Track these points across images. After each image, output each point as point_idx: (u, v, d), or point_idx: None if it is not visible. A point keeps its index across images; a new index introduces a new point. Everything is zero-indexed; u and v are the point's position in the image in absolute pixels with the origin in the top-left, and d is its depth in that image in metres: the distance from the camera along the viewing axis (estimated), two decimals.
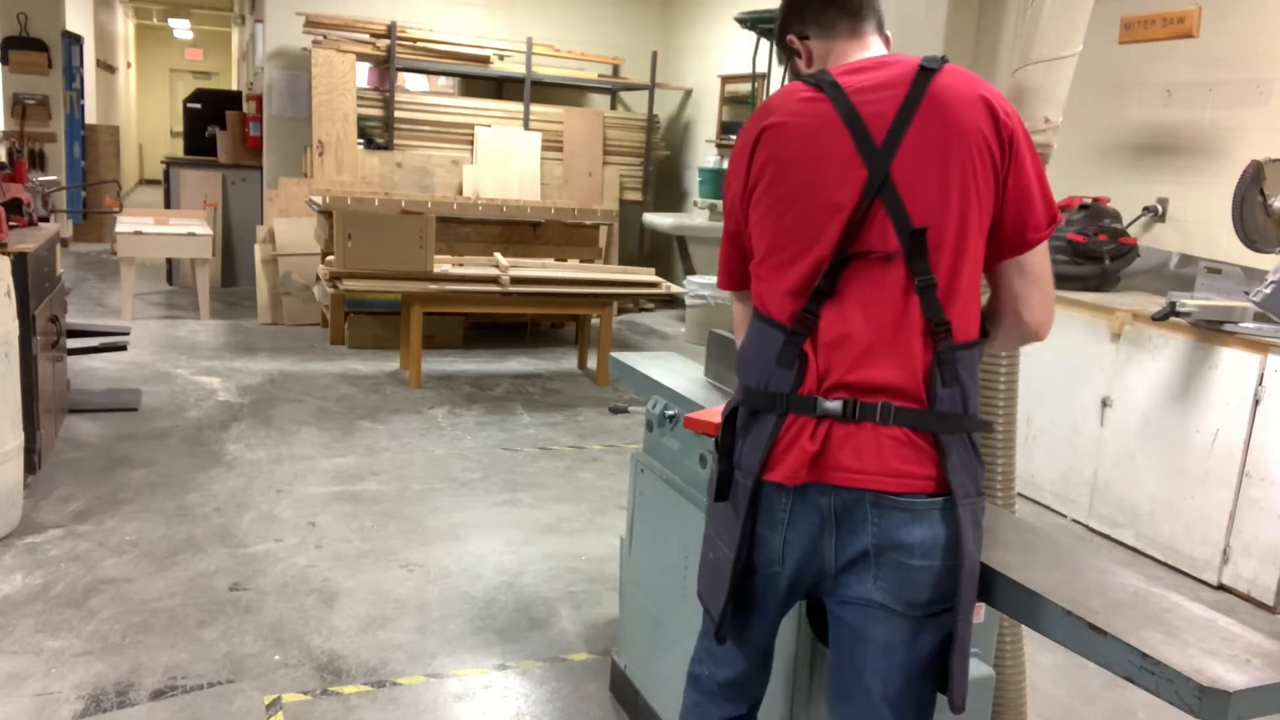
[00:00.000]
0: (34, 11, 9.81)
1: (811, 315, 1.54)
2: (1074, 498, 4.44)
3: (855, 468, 1.50)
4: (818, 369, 1.54)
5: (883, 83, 1.55)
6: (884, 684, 1.57)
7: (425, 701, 2.75)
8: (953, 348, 1.51)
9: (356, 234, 5.82)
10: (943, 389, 1.50)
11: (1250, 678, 1.29)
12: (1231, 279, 4.27)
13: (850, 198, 1.51)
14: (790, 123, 1.58)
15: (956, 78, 1.54)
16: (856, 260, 1.52)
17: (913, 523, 1.49)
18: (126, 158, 15.42)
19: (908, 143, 1.50)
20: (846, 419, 1.51)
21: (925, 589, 1.51)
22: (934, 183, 1.50)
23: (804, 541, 1.55)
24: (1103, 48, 4.93)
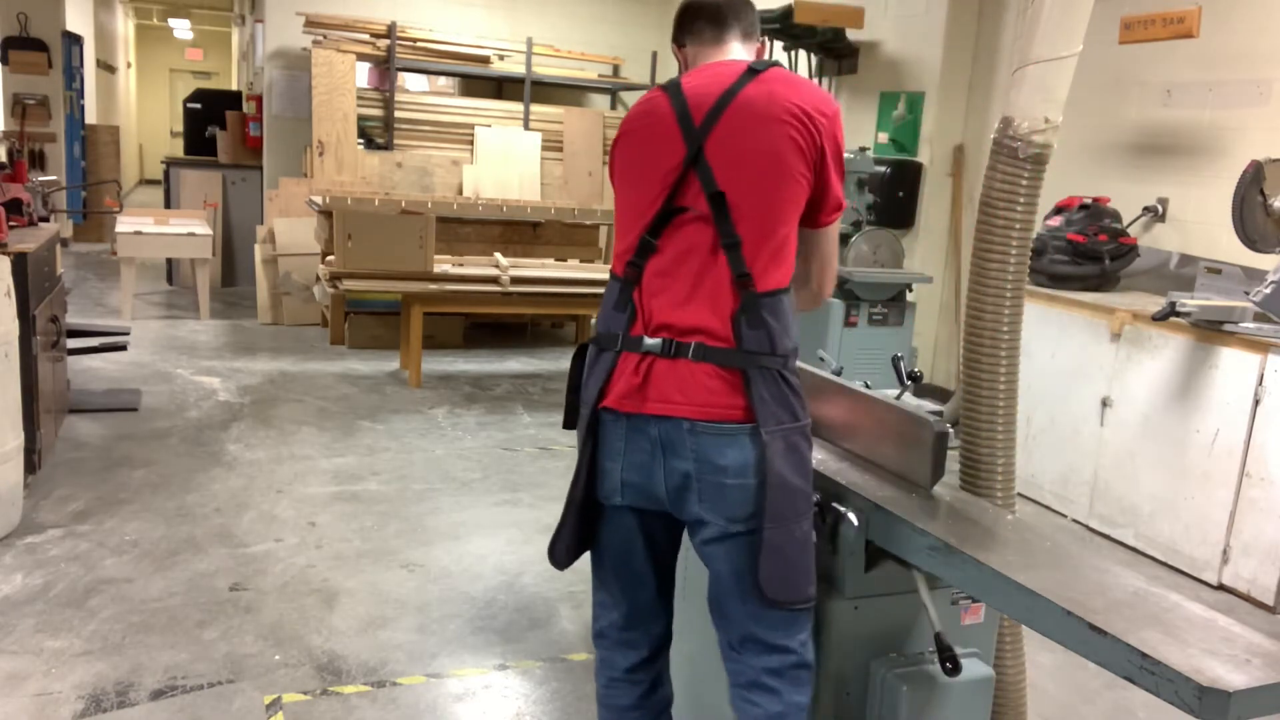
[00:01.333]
0: (34, 11, 9.80)
1: (638, 267, 1.82)
2: (1074, 498, 4.44)
3: (673, 399, 1.74)
4: (644, 313, 1.80)
5: (714, 79, 1.84)
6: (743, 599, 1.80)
7: (425, 701, 2.75)
8: (755, 295, 1.75)
9: (356, 234, 5.82)
10: (748, 330, 1.74)
11: (1250, 678, 1.29)
12: (1231, 279, 4.27)
13: (671, 168, 1.80)
14: (637, 125, 1.90)
15: (776, 79, 1.82)
16: (675, 219, 1.79)
17: (725, 446, 1.73)
18: (126, 158, 15.41)
19: (721, 125, 1.77)
20: (665, 355, 1.76)
21: (741, 505, 1.74)
22: (739, 159, 1.76)
23: (639, 469, 1.78)
24: (1103, 48, 4.93)
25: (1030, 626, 1.56)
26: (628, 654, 1.97)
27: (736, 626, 1.84)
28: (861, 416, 2.15)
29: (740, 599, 1.80)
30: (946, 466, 1.96)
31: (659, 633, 1.99)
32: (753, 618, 1.80)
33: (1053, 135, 2.02)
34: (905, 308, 5.24)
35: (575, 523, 1.85)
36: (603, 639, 1.99)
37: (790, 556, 1.75)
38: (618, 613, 1.95)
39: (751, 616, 1.80)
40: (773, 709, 1.82)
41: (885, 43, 6.44)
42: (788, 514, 1.73)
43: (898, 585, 1.93)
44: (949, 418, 2.18)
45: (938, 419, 1.97)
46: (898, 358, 2.41)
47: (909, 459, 2.00)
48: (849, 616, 1.94)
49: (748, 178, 1.76)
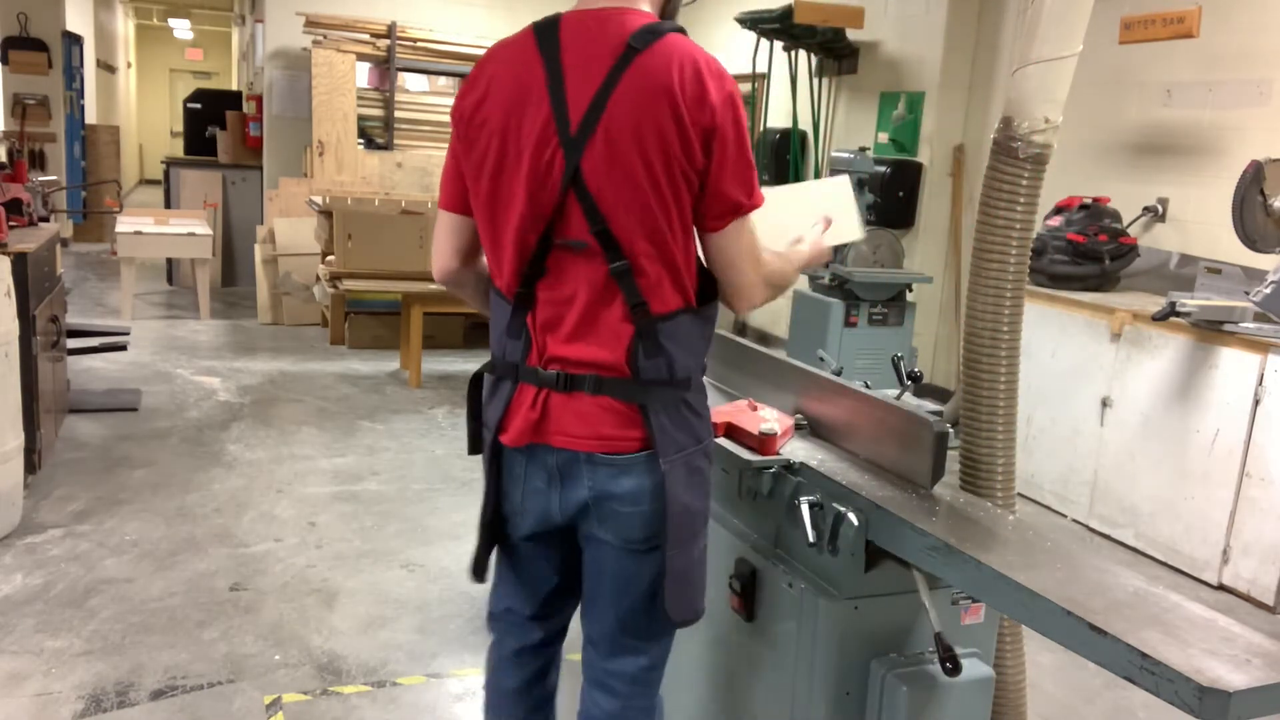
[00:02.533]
0: (34, 11, 9.81)
1: (528, 294, 1.68)
2: (1074, 498, 4.44)
3: (570, 432, 1.67)
4: (538, 343, 1.69)
5: (592, 54, 1.58)
6: (616, 605, 1.79)
7: (425, 701, 2.75)
8: (652, 321, 1.63)
9: (356, 234, 5.82)
10: (645, 360, 1.64)
11: (1250, 678, 1.29)
12: (1231, 279, 4.27)
13: (549, 185, 1.60)
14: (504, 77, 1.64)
15: (657, 61, 1.55)
16: (558, 247, 1.63)
17: (620, 476, 1.67)
18: (126, 158, 15.42)
19: (597, 135, 1.56)
20: (560, 389, 1.67)
21: (638, 529, 1.70)
22: (616, 178, 1.57)
23: (537, 495, 1.74)
24: (1103, 48, 4.93)
25: (1030, 626, 1.56)
26: (520, 636, 1.95)
27: (601, 624, 1.84)
28: (861, 416, 2.14)
29: (614, 601, 1.79)
30: (946, 466, 1.96)
31: (559, 623, 1.98)
32: (619, 621, 1.80)
33: (1053, 135, 2.02)
34: (905, 308, 5.24)
35: (488, 542, 1.83)
36: (495, 621, 1.97)
37: (692, 578, 1.75)
38: (517, 601, 1.92)
39: (618, 619, 1.80)
40: (610, 709, 1.87)
41: (885, 43, 6.44)
42: (686, 537, 1.71)
43: (898, 585, 1.93)
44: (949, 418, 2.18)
45: (938, 419, 1.96)
46: (898, 358, 2.41)
47: (909, 459, 2.00)
48: (849, 616, 1.94)
49: (632, 195, 1.57)
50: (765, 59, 7.22)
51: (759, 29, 6.85)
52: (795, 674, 2.01)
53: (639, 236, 1.60)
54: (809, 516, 1.95)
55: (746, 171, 1.63)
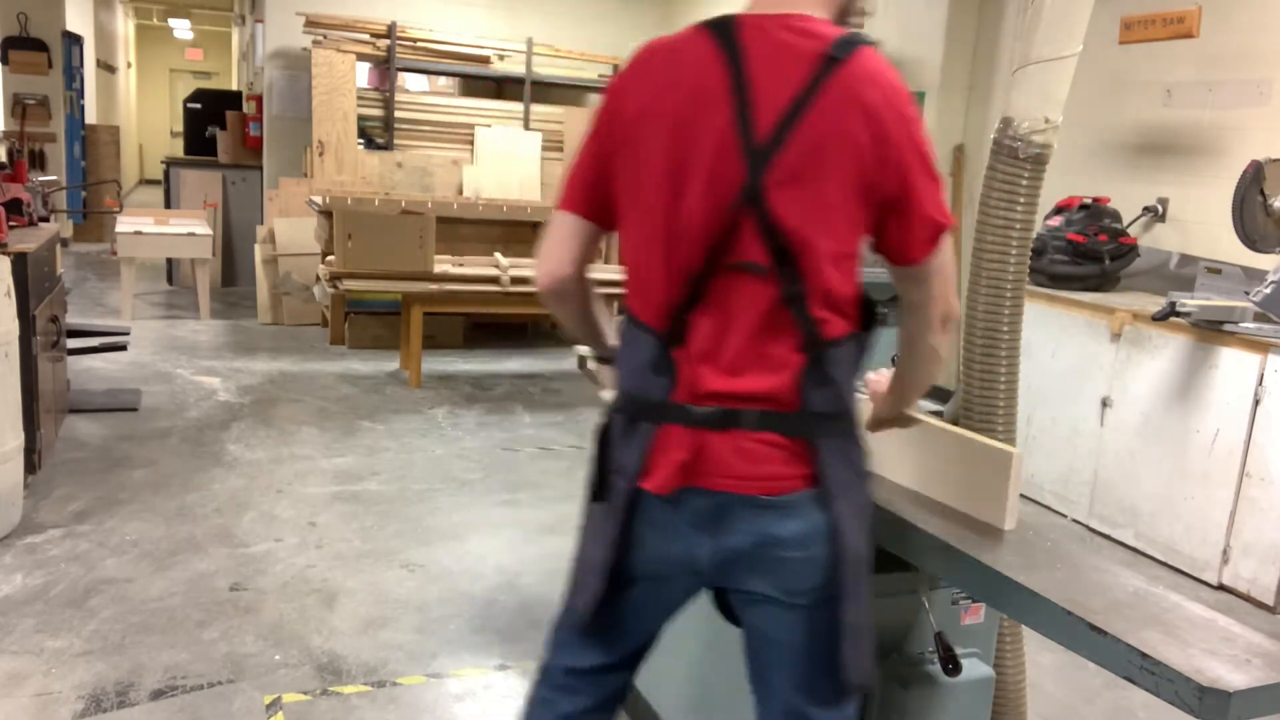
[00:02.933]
0: (34, 11, 9.80)
1: (681, 323, 1.51)
2: (1074, 498, 4.44)
3: (727, 473, 1.49)
4: (689, 377, 1.51)
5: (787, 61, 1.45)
6: (793, 673, 1.58)
7: (425, 701, 2.75)
8: (823, 347, 1.49)
9: (356, 234, 5.82)
10: (814, 391, 1.50)
11: (1250, 678, 1.29)
12: (1231, 279, 4.27)
13: (721, 200, 1.45)
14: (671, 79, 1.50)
15: (857, 72, 1.44)
16: (724, 270, 1.47)
17: (786, 517, 1.50)
18: (126, 158, 15.41)
19: (789, 147, 1.43)
20: (718, 427, 1.49)
21: (805, 577, 1.52)
22: (809, 192, 1.44)
23: (680, 544, 1.54)
24: (1103, 48, 4.93)
25: (1030, 626, 1.56)
26: (575, 702, 1.71)
27: (781, 700, 1.60)
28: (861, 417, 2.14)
29: (791, 670, 1.58)
30: None
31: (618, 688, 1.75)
32: (804, 691, 1.58)
33: (1053, 135, 2.02)
34: None
35: (601, 587, 1.59)
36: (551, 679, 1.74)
37: (865, 634, 1.55)
38: (588, 661, 1.70)
39: (802, 690, 1.58)
40: None
41: (885, 42, 6.44)
42: (859, 588, 1.53)
43: (898, 585, 1.93)
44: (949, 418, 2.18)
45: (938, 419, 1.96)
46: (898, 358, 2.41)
47: None
48: None
49: (819, 214, 1.45)
50: None
51: None
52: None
53: (821, 258, 1.46)
54: None
55: (939, 189, 1.52)
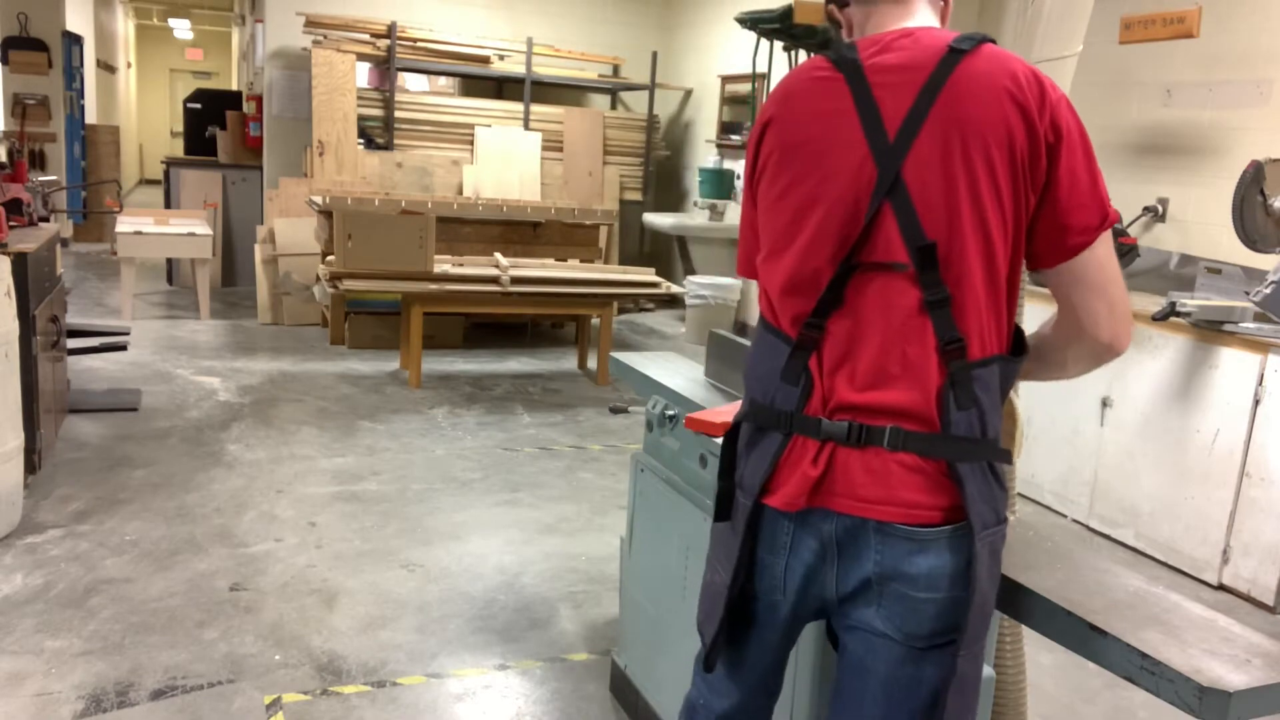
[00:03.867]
0: (34, 11, 9.81)
1: (816, 329, 1.44)
2: (1074, 498, 4.44)
3: (859, 495, 1.40)
4: (823, 387, 1.44)
5: (906, 63, 1.41)
6: (884, 715, 1.47)
7: (425, 701, 2.75)
8: (967, 366, 1.38)
9: (356, 234, 5.82)
10: (957, 412, 1.38)
11: (1250, 678, 1.29)
12: (1231, 279, 4.27)
13: (856, 200, 1.40)
14: (800, 108, 1.48)
15: (988, 62, 1.39)
16: (863, 271, 1.41)
17: (918, 553, 1.39)
18: (126, 158, 15.42)
19: (923, 139, 1.37)
20: (851, 443, 1.40)
21: (928, 621, 1.41)
22: (949, 187, 1.37)
23: (804, 568, 1.47)
24: (1103, 48, 4.93)
25: (1030, 626, 1.56)
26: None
27: None
28: None
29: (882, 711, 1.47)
30: None
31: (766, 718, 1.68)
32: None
33: None
34: None
35: (727, 618, 1.54)
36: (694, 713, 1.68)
37: (972, 688, 1.45)
38: (728, 700, 1.63)
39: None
40: None
41: None
42: (980, 635, 1.43)
43: None
44: None
45: None
46: None
47: None
48: None
49: (958, 214, 1.37)
50: (765, 59, 7.22)
51: (759, 29, 6.85)
52: (795, 674, 2.01)
53: (968, 256, 1.37)
54: None
55: (1099, 178, 1.41)
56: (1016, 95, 1.37)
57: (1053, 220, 1.40)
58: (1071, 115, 1.39)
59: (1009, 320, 1.44)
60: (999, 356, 1.42)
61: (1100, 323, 1.45)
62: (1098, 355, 1.50)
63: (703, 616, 1.61)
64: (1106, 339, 1.46)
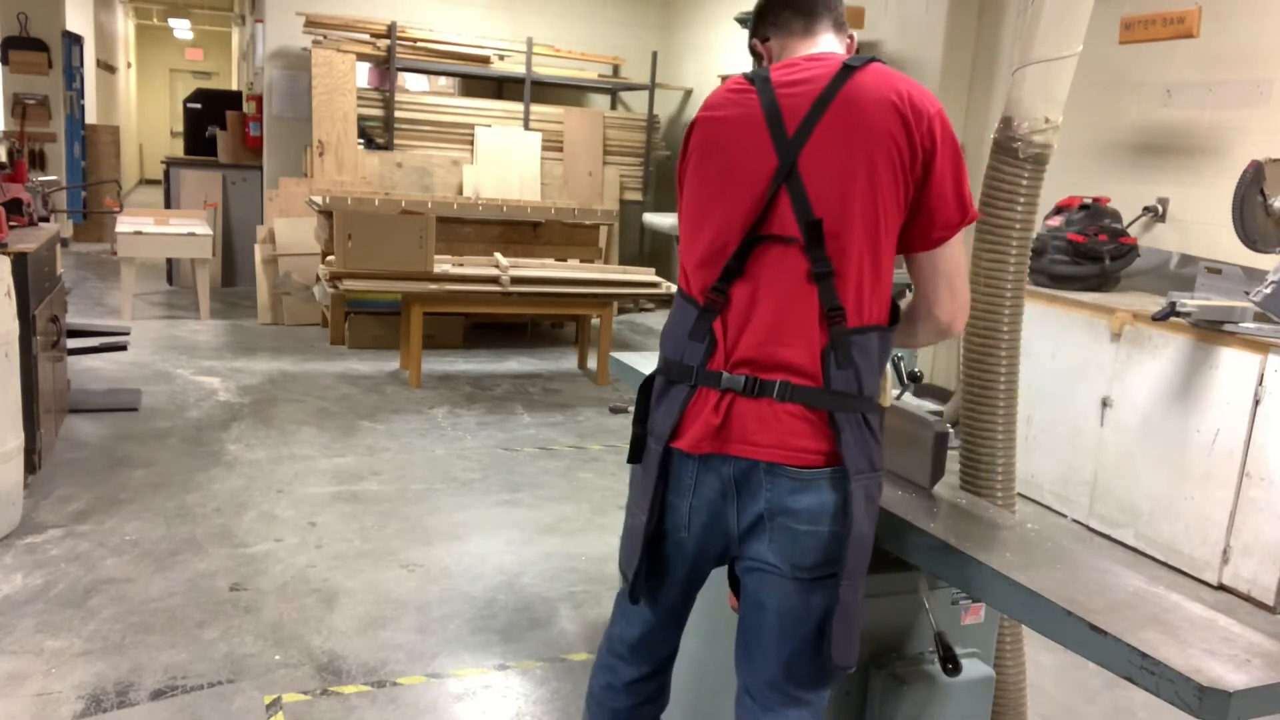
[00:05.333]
0: (34, 11, 9.80)
1: (721, 294, 1.66)
2: (1074, 498, 4.44)
3: (754, 440, 1.61)
4: (725, 345, 1.65)
5: (806, 78, 1.66)
6: (781, 647, 1.68)
7: (425, 701, 2.75)
8: (846, 333, 1.60)
9: (356, 234, 5.82)
10: (837, 370, 1.60)
11: (1250, 678, 1.29)
12: (1231, 279, 4.27)
13: (759, 183, 1.64)
14: (719, 114, 1.72)
15: (875, 78, 1.63)
16: (762, 243, 1.63)
17: (801, 491, 1.60)
18: (126, 158, 15.41)
19: (817, 135, 1.61)
20: (748, 394, 1.62)
21: (811, 553, 1.62)
22: (837, 175, 1.60)
23: (707, 507, 1.67)
24: (1103, 48, 4.93)
25: (1030, 626, 1.56)
26: (632, 669, 1.89)
27: (763, 670, 1.71)
28: None
29: (781, 642, 1.67)
30: (946, 466, 1.96)
31: (669, 653, 1.91)
32: (789, 665, 1.68)
33: (1053, 135, 2.02)
34: None
35: (645, 556, 1.73)
36: (612, 647, 1.92)
37: (854, 619, 1.65)
38: (639, 628, 1.86)
39: (788, 664, 1.68)
40: None
41: (885, 43, 6.44)
42: (859, 569, 1.63)
43: (898, 585, 1.93)
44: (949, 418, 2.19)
45: (938, 419, 1.97)
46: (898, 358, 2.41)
47: (909, 459, 2.00)
48: None
49: (845, 199, 1.60)
50: None
51: None
52: None
53: (851, 237, 1.60)
54: None
55: (965, 182, 1.66)
56: (899, 106, 1.60)
57: (924, 215, 1.65)
58: (945, 126, 1.64)
59: (888, 296, 1.67)
60: (877, 326, 1.64)
61: (944, 305, 1.72)
62: (940, 332, 1.75)
63: (625, 558, 1.80)
64: (946, 320, 1.73)
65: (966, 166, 1.66)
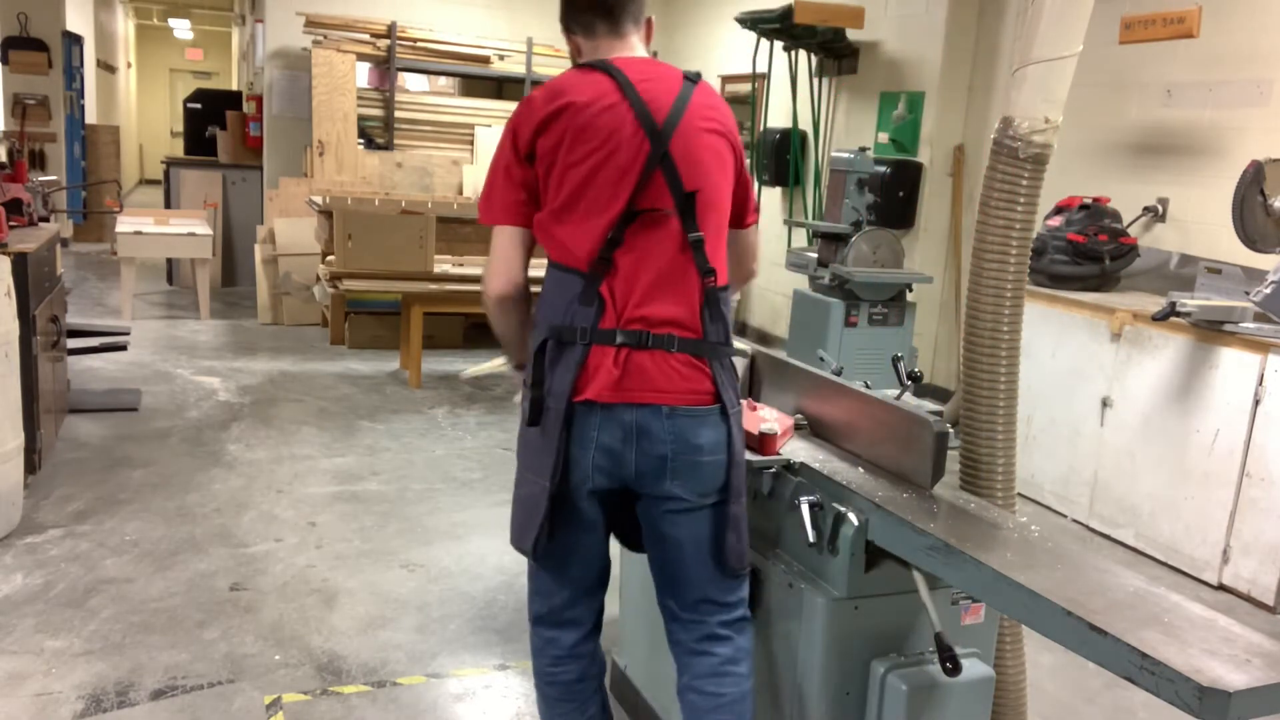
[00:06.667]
0: (34, 11, 9.80)
1: (607, 261, 1.87)
2: (1074, 498, 4.44)
3: (654, 387, 1.85)
4: (615, 306, 1.86)
5: (659, 78, 1.93)
6: (697, 567, 1.95)
7: (425, 701, 2.75)
8: (716, 290, 1.91)
9: (356, 234, 5.82)
10: (710, 323, 1.90)
11: (1250, 678, 1.29)
12: (1231, 279, 4.27)
13: (637, 165, 1.86)
14: (585, 101, 1.88)
15: (705, 92, 1.96)
16: (641, 216, 1.86)
17: (700, 426, 1.87)
18: (126, 158, 15.41)
19: (682, 128, 1.88)
20: (641, 346, 1.85)
21: (711, 480, 1.89)
22: (700, 161, 1.90)
23: (607, 454, 1.86)
24: (1103, 48, 4.93)
25: (1030, 626, 1.56)
26: (572, 631, 2.06)
27: (693, 590, 1.97)
28: (861, 416, 2.15)
29: (700, 565, 1.94)
30: (946, 466, 1.96)
31: (599, 605, 2.10)
32: (710, 581, 1.96)
33: (1053, 135, 2.02)
34: (905, 308, 5.24)
35: (549, 513, 1.90)
36: (543, 622, 2.07)
37: (745, 527, 1.95)
38: (564, 594, 2.03)
39: (709, 580, 1.96)
40: (727, 652, 1.98)
41: (885, 43, 6.44)
42: (743, 488, 1.93)
43: (898, 585, 1.93)
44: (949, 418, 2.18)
45: (938, 419, 1.97)
46: (898, 358, 2.42)
47: (909, 459, 2.00)
48: (849, 616, 1.94)
49: (708, 180, 1.90)
50: (765, 59, 7.22)
51: (759, 29, 6.85)
52: (795, 674, 2.01)
53: (712, 211, 1.91)
54: (809, 516, 1.96)
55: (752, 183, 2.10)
56: (724, 116, 1.97)
57: (739, 203, 2.03)
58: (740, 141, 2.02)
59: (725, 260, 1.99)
60: (726, 285, 1.96)
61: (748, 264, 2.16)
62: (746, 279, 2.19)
63: (519, 529, 1.97)
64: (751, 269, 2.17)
65: None
